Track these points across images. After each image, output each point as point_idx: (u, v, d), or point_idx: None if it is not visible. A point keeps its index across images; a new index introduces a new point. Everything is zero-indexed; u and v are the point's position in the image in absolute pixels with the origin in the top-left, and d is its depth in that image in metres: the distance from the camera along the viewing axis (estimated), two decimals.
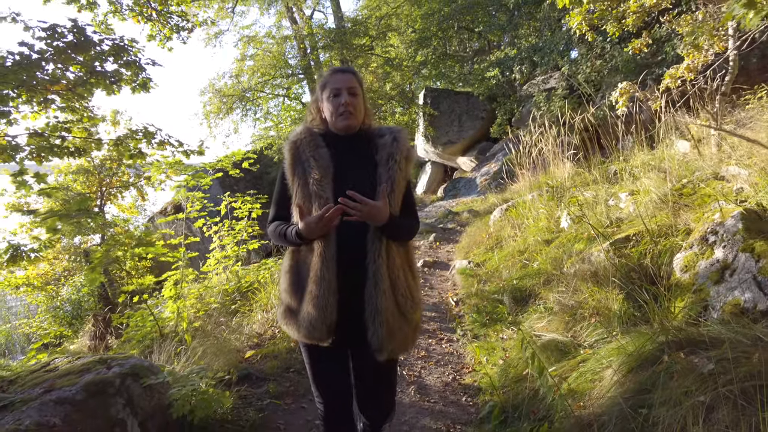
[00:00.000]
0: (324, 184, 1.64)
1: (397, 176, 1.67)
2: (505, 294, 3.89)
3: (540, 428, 2.13)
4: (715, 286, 2.56)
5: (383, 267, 1.63)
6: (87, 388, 2.03)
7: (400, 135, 1.74)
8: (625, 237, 3.57)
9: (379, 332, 1.60)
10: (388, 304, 1.63)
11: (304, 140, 1.73)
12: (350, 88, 1.70)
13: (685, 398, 1.73)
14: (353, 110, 1.70)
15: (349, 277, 1.63)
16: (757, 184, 3.61)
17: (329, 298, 1.60)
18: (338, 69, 1.79)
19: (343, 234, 1.61)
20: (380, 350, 1.63)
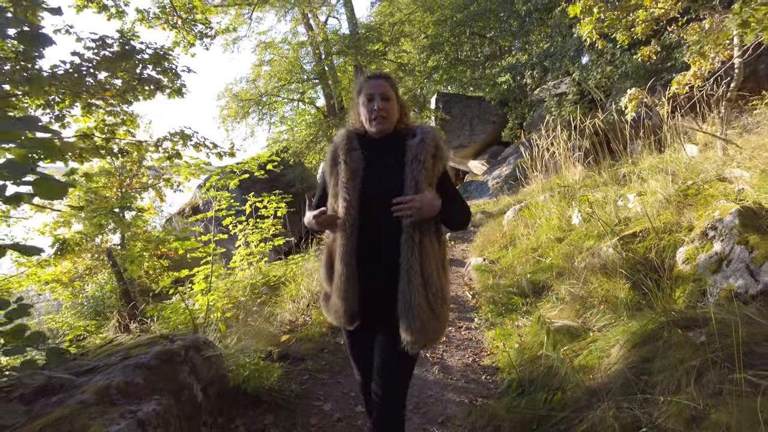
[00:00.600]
0: (350, 185, 1.75)
1: (420, 176, 1.71)
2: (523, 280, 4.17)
3: (554, 397, 2.41)
4: (712, 275, 2.83)
5: (416, 264, 1.70)
6: (158, 356, 2.34)
7: (427, 135, 1.79)
8: (632, 233, 3.84)
9: (413, 326, 1.68)
10: (421, 301, 1.70)
11: (342, 142, 1.85)
12: (383, 93, 1.79)
13: (680, 364, 2.00)
14: (386, 115, 1.79)
15: (377, 272, 1.76)
16: (756, 185, 3.87)
17: (349, 289, 1.74)
18: (372, 75, 1.89)
19: (366, 232, 1.74)
20: (413, 343, 1.71)
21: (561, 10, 12.30)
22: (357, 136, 1.88)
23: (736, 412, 1.66)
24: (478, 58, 19.15)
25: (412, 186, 1.70)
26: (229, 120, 16.69)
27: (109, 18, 7.27)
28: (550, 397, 2.43)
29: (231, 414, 2.48)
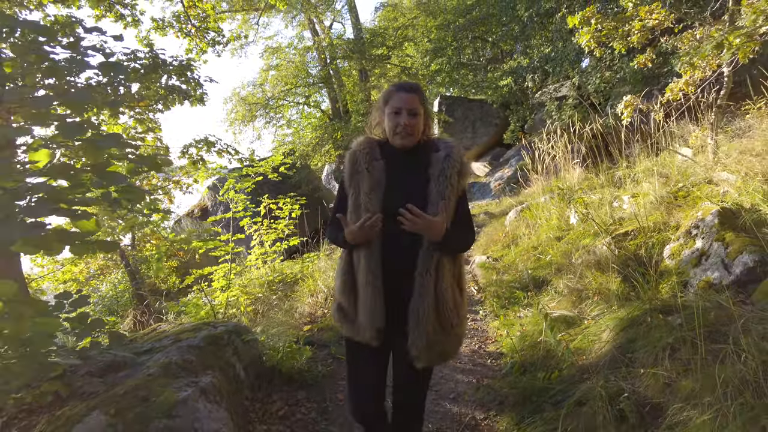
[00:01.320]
0: (372, 196, 1.73)
1: (447, 192, 1.71)
2: (526, 273, 4.51)
3: (551, 375, 2.75)
4: (693, 268, 3.17)
5: (431, 282, 1.69)
6: (205, 339, 2.69)
7: (453, 151, 1.78)
8: (624, 232, 4.18)
9: (418, 343, 1.70)
10: (431, 318, 1.70)
11: (362, 151, 1.82)
12: (411, 108, 1.76)
13: (659, 342, 2.34)
14: (411, 131, 1.77)
15: (398, 287, 1.73)
16: (739, 187, 4.20)
17: (376, 303, 1.72)
18: (402, 86, 1.83)
19: (388, 245, 1.72)
20: (418, 359, 1.73)
21: (561, 16, 12.62)
22: (378, 145, 1.86)
23: (700, 378, 2.00)
24: (480, 62, 19.47)
25: (437, 201, 1.69)
26: (237, 123, 17.07)
27: (126, 26, 7.62)
28: (548, 375, 2.77)
29: (268, 390, 2.83)
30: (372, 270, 1.72)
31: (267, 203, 7.09)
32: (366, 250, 1.72)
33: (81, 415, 1.92)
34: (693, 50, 5.33)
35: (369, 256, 1.72)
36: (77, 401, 2.11)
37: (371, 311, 1.73)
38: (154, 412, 1.94)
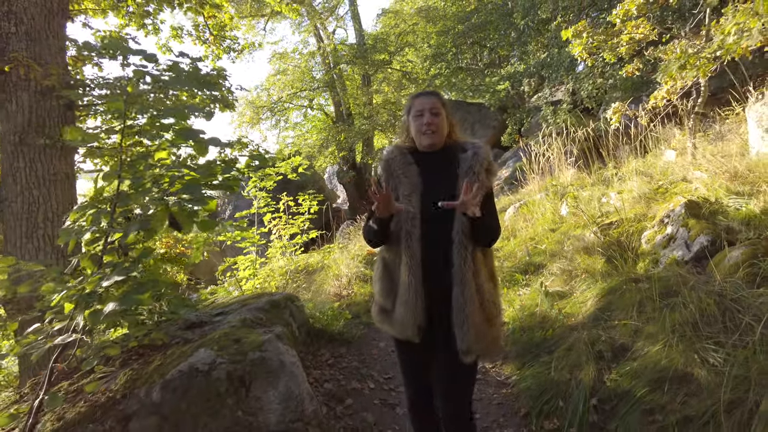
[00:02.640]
0: (412, 199, 1.81)
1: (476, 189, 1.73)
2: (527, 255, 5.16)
3: (546, 333, 3.41)
4: (663, 249, 3.83)
5: (469, 273, 1.75)
6: (268, 303, 3.32)
7: (480, 150, 1.87)
8: (609, 223, 4.84)
9: (467, 336, 1.74)
10: (475, 309, 1.75)
11: (395, 158, 1.92)
12: (432, 108, 1.86)
13: (630, 302, 3.00)
14: (436, 129, 1.86)
15: (437, 284, 1.79)
16: (708, 184, 4.86)
17: (417, 301, 1.79)
18: (421, 93, 1.98)
19: (427, 243, 1.79)
20: (467, 353, 1.76)
21: (557, 25, 13.26)
22: (408, 151, 1.95)
23: (658, 325, 2.66)
24: (478, 66, 20.14)
25: None
26: (245, 125, 17.71)
27: (147, 34, 8.22)
28: (543, 333, 3.43)
29: (316, 346, 3.48)
30: (413, 270, 1.78)
31: (286, 200, 7.72)
32: (407, 251, 1.80)
33: (191, 351, 2.55)
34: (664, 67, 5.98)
35: (410, 257, 1.79)
36: (179, 346, 2.74)
37: (413, 309, 1.79)
38: (248, 347, 2.58)
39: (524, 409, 2.78)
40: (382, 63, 17.99)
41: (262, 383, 2.46)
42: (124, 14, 6.45)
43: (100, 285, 1.92)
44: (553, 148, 8.38)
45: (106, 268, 2.10)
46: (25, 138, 4.46)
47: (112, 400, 2.34)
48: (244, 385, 2.43)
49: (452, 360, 1.80)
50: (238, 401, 2.39)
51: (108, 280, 1.91)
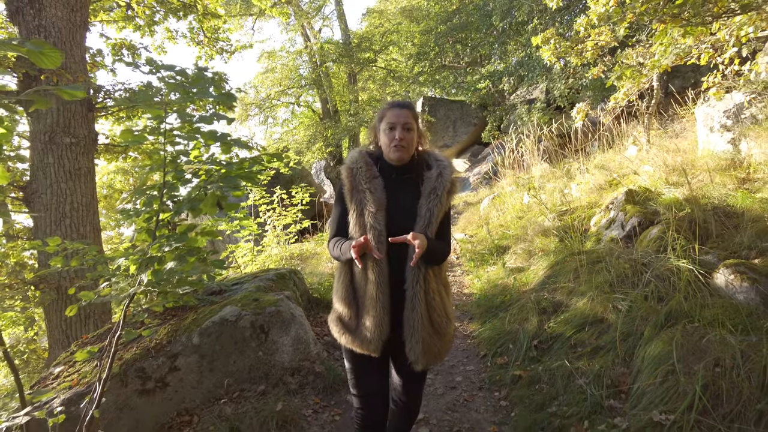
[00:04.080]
0: (379, 216, 1.81)
1: (436, 210, 1.82)
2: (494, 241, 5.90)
3: (504, 298, 4.14)
4: (606, 230, 4.57)
5: (420, 292, 1.80)
6: (276, 275, 4.00)
7: (445, 170, 1.88)
8: (565, 210, 5.59)
9: (416, 349, 1.82)
10: (425, 324, 1.82)
11: (360, 168, 1.90)
12: (405, 123, 1.85)
13: (570, 270, 3.74)
14: (406, 145, 1.86)
15: (395, 299, 1.84)
16: (651, 176, 5.64)
17: (384, 317, 1.81)
18: (396, 104, 1.92)
19: (392, 262, 1.81)
20: (417, 363, 1.85)
21: (533, 27, 13.99)
22: (372, 160, 1.94)
23: (586, 285, 3.39)
24: (460, 65, 20.87)
25: (426, 217, 1.81)
26: (234, 122, 18.21)
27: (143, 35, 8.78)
28: (502, 298, 4.16)
29: (316, 310, 4.17)
30: (382, 288, 1.80)
31: (279, 193, 8.38)
32: (376, 267, 1.80)
33: (220, 308, 3.23)
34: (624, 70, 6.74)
35: (379, 274, 1.80)
36: (207, 306, 3.41)
37: (379, 325, 1.81)
38: (265, 304, 3.26)
39: (483, 351, 3.52)
40: (367, 61, 18.63)
41: (277, 330, 3.15)
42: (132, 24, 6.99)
43: (162, 250, 2.58)
44: (527, 145, 9.13)
45: (160, 239, 2.76)
46: (54, 137, 5.06)
47: (160, 345, 3.02)
48: (264, 331, 3.12)
49: (404, 368, 1.92)
50: (260, 344, 3.08)
51: (168, 246, 2.58)
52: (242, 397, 2.89)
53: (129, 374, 2.86)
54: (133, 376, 2.87)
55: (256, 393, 2.91)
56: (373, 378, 1.98)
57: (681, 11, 3.39)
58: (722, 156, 5.48)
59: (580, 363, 2.77)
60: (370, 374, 1.97)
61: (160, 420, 2.85)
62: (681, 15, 3.42)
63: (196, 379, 2.93)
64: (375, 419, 2.02)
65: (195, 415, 2.80)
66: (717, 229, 3.72)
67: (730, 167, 5.06)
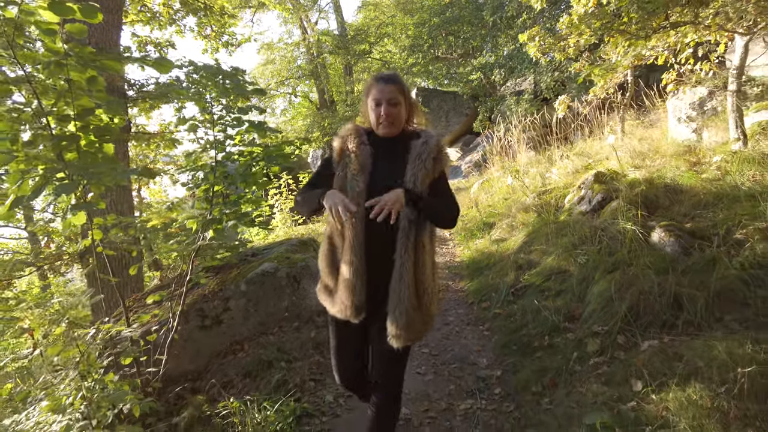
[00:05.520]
0: (359, 177, 1.80)
1: (420, 173, 1.79)
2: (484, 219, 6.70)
3: (489, 261, 4.93)
4: (576, 206, 5.37)
5: (409, 262, 1.77)
6: (298, 241, 4.76)
7: (431, 140, 1.86)
8: (545, 190, 6.39)
9: (399, 322, 1.78)
10: (410, 297, 1.79)
11: (351, 136, 1.89)
12: (390, 98, 1.82)
13: (543, 235, 4.54)
14: (392, 120, 1.83)
15: (379, 267, 1.80)
16: (621, 161, 6.44)
17: (357, 281, 1.78)
18: (381, 77, 1.88)
19: (372, 225, 1.71)
20: (397, 338, 1.80)
21: (522, 21, 14.70)
22: (365, 132, 1.93)
23: (555, 247, 4.19)
24: (453, 56, 21.55)
25: (411, 181, 1.78)
26: None
27: (152, 30, 9.40)
28: (487, 261, 4.96)
29: None
30: (355, 250, 1.77)
31: (286, 179, 9.12)
32: (351, 231, 1.78)
33: (259, 264, 3.99)
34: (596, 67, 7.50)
35: (355, 235, 1.78)
36: (247, 264, 4.17)
37: (351, 288, 1.80)
38: (295, 260, 4.03)
39: (471, 300, 4.33)
40: (363, 53, 19.28)
41: (307, 280, 3.93)
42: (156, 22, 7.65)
43: (223, 212, 3.33)
44: (514, 134, 9.92)
45: (217, 205, 3.51)
46: None
47: (213, 291, 3.78)
48: (297, 281, 3.89)
49: (385, 345, 1.84)
50: (293, 291, 3.86)
51: (228, 209, 3.33)
52: (281, 331, 3.67)
53: (191, 314, 3.63)
54: (194, 316, 3.63)
55: (292, 328, 3.69)
56: (350, 348, 2.02)
57: (627, 27, 4.16)
58: (682, 143, 6.28)
59: (546, 302, 3.57)
60: (348, 344, 2.01)
61: (216, 349, 3.62)
62: (627, 30, 4.19)
63: (243, 317, 3.70)
64: (349, 385, 2.11)
65: (245, 344, 3.57)
66: (665, 202, 4.52)
67: (686, 153, 5.86)
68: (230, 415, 2.69)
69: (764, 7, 4.15)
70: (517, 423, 2.52)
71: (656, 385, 2.24)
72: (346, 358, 2.04)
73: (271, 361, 3.24)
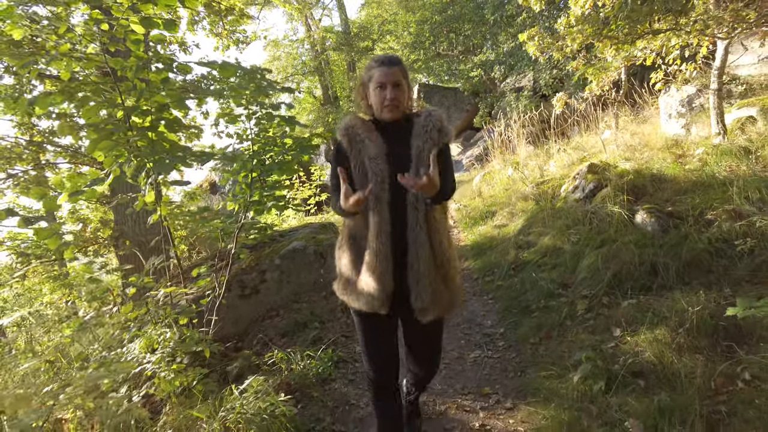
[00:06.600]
0: (379, 161, 1.79)
1: (426, 145, 1.80)
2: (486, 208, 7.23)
3: (491, 243, 5.45)
4: (571, 194, 5.89)
5: (423, 234, 1.77)
6: (319, 225, 5.29)
7: (434, 112, 1.90)
8: (542, 181, 6.90)
9: (423, 296, 1.78)
10: (430, 269, 1.78)
11: (356, 124, 1.88)
12: (395, 81, 1.80)
13: (541, 219, 5.06)
14: (398, 103, 1.82)
15: (398, 248, 1.80)
16: (614, 153, 6.96)
17: (387, 269, 1.77)
18: (384, 60, 1.85)
19: (394, 210, 1.77)
20: (425, 312, 1.81)
21: (522, 20, 15.16)
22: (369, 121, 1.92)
23: (550, 229, 4.71)
24: (454, 53, 22.01)
25: (416, 155, 1.80)
26: None
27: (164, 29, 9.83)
28: (489, 243, 5.48)
29: None
30: (382, 236, 1.76)
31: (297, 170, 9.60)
32: (377, 216, 1.76)
33: (289, 243, 4.51)
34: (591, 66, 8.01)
35: (379, 221, 1.77)
36: (277, 243, 4.69)
37: (381, 275, 1.77)
38: (321, 239, 4.54)
39: (476, 276, 4.86)
40: (365, 49, 19.73)
41: (331, 257, 4.43)
42: None
43: (263, 195, 3.84)
44: (514, 129, 10.43)
45: (255, 189, 4.02)
46: None
47: (251, 266, 4.30)
48: (323, 257, 4.42)
49: (417, 322, 1.84)
50: (321, 265, 4.39)
51: (267, 192, 3.85)
52: (311, 300, 4.19)
53: (232, 284, 4.14)
54: (235, 286, 4.15)
55: (321, 297, 4.21)
56: (382, 339, 1.97)
57: (615, 34, 4.68)
58: (671, 138, 6.79)
59: (543, 274, 4.10)
60: (378, 335, 1.96)
61: (255, 315, 4.14)
62: (615, 36, 4.70)
63: (278, 287, 4.22)
64: (385, 382, 2.03)
65: (280, 310, 4.09)
66: (650, 190, 5.04)
67: (673, 146, 6.37)
68: (276, 363, 3.21)
69: (739, 14, 4.67)
70: (518, 365, 3.06)
71: (631, 330, 2.77)
72: (378, 350, 1.99)
73: (306, 322, 3.77)
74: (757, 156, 4.61)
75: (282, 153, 4.09)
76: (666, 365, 2.36)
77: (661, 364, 2.38)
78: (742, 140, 5.15)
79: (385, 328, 1.95)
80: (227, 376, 3.43)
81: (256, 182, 4.13)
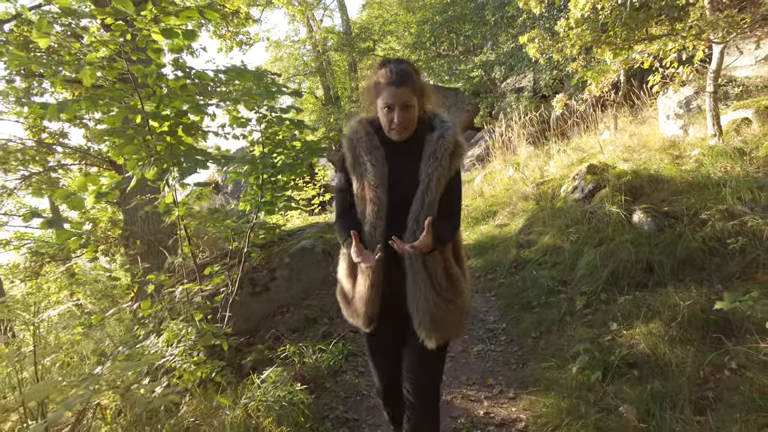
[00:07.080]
0: (379, 191, 1.73)
1: (436, 173, 1.70)
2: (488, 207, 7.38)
3: (493, 242, 5.60)
4: (571, 194, 6.04)
5: (418, 262, 1.73)
6: (325, 224, 5.44)
7: (448, 131, 1.75)
8: (543, 181, 7.06)
9: (424, 322, 1.75)
10: (429, 295, 1.74)
11: (361, 138, 1.80)
12: (403, 103, 1.68)
13: (540, 218, 5.21)
14: (406, 125, 1.71)
15: (395, 272, 1.77)
16: (611, 154, 7.12)
17: (373, 295, 1.78)
18: (392, 81, 1.68)
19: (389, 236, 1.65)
20: (428, 338, 1.77)
21: (522, 21, 15.31)
22: (372, 128, 1.83)
23: (550, 228, 4.87)
24: (454, 54, 22.15)
25: (425, 182, 1.70)
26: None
27: None
28: (491, 242, 5.63)
29: None
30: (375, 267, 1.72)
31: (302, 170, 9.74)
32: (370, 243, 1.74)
33: (298, 242, 4.66)
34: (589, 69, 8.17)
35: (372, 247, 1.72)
36: (286, 242, 4.84)
37: (367, 301, 1.79)
38: (328, 238, 4.70)
39: (478, 274, 5.02)
40: (367, 50, 19.88)
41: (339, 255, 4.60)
42: None
43: (274, 195, 4.00)
44: (514, 130, 10.59)
45: (267, 190, 4.17)
46: None
47: (261, 264, 4.45)
48: (330, 255, 4.57)
49: (417, 346, 1.81)
50: (328, 263, 4.54)
51: (278, 193, 4.00)
52: (319, 296, 4.34)
53: (244, 282, 4.30)
54: (247, 284, 4.30)
55: (329, 294, 4.36)
56: (384, 354, 1.99)
57: (612, 40, 4.83)
58: (669, 139, 6.94)
59: (543, 272, 4.26)
60: (380, 349, 1.99)
61: (265, 312, 4.29)
62: (612, 42, 4.86)
63: (288, 285, 4.37)
64: (393, 396, 2.05)
65: (290, 307, 4.25)
66: (648, 190, 5.20)
67: (670, 147, 6.53)
68: (289, 356, 3.36)
69: (734, 20, 4.82)
70: (519, 358, 3.22)
71: (627, 324, 2.93)
72: (382, 362, 2.01)
73: (316, 318, 3.92)
74: (751, 157, 4.76)
75: (293, 156, 4.24)
76: (659, 356, 2.52)
77: (655, 355, 2.54)
78: (737, 141, 5.30)
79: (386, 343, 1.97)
80: (242, 369, 3.59)
81: (267, 183, 4.29)
